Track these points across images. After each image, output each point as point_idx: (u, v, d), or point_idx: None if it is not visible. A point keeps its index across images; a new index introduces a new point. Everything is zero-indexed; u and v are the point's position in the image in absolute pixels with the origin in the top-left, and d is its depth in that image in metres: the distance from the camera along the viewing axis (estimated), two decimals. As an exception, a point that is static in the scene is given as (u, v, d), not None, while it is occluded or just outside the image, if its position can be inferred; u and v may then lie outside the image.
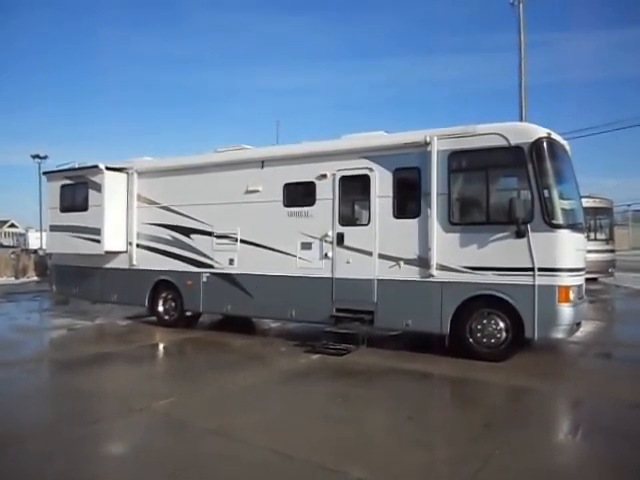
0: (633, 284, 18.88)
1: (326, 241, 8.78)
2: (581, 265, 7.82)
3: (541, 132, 7.43)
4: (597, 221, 18.56)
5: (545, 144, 7.40)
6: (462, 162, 7.91)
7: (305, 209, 9.05)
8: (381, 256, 8.33)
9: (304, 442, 4.71)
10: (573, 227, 7.62)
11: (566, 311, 7.19)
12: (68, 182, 11.44)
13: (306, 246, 8.98)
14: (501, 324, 7.52)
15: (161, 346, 9.27)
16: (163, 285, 10.64)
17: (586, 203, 17.92)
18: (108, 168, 10.77)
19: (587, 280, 18.01)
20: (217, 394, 6.27)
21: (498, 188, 7.72)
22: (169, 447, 4.68)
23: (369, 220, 8.44)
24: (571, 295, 7.27)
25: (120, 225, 10.86)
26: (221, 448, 4.62)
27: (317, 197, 8.93)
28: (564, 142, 8.12)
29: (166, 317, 10.70)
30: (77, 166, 11.41)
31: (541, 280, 7.22)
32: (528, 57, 19.25)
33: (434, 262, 7.85)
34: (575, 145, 9.67)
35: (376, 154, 8.44)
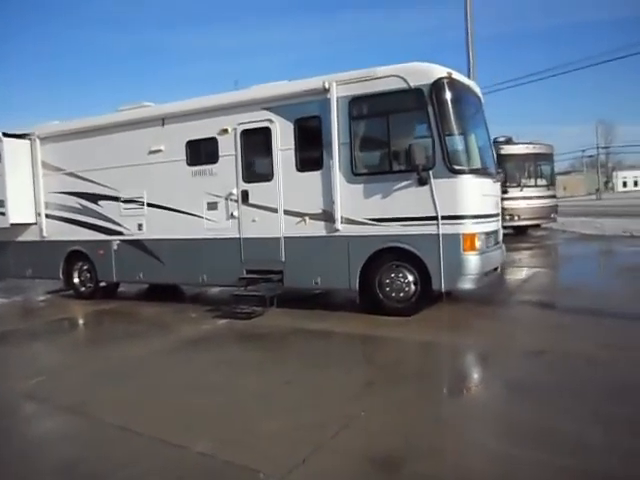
0: (579, 228, 18.96)
1: (231, 200, 8.32)
2: (490, 211, 7.52)
3: (441, 72, 6.97)
4: (538, 167, 18.36)
5: (446, 85, 6.95)
6: (363, 108, 7.44)
7: (209, 167, 8.53)
8: (286, 212, 7.92)
9: (161, 416, 4.37)
10: (478, 172, 7.26)
11: (472, 260, 6.91)
12: (-34, 152, 10.65)
13: (212, 206, 8.51)
14: (409, 277, 7.23)
15: (67, 320, 8.78)
16: (76, 256, 10.09)
17: (526, 149, 17.94)
18: (6, 135, 10.01)
19: (530, 227, 18.56)
20: (100, 367, 5.88)
21: (400, 134, 7.27)
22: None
23: (272, 175, 7.98)
24: (477, 243, 6.97)
25: (26, 195, 10.19)
26: (64, 427, 4.28)
27: (220, 154, 8.40)
28: (470, 82, 7.71)
29: (82, 289, 10.20)
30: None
31: (445, 229, 6.90)
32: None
33: (338, 216, 7.47)
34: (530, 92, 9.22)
35: (276, 104, 7.91)
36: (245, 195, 8.20)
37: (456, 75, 7.16)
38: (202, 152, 8.64)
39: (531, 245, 15.95)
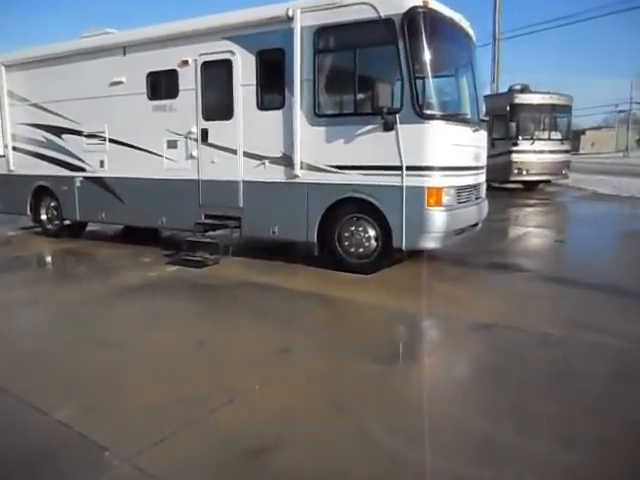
0: (595, 186, 17.87)
1: (191, 138, 7.70)
2: (467, 163, 6.77)
3: (416, 0, 6.10)
4: (553, 120, 17.14)
5: (421, 15, 6.08)
6: (330, 41, 6.65)
7: (169, 102, 7.87)
8: (246, 154, 7.29)
9: (42, 373, 3.98)
10: (452, 118, 6.46)
11: (437, 216, 6.24)
12: None
13: (172, 144, 7.91)
14: (370, 232, 6.63)
15: (18, 258, 8.36)
16: (44, 192, 9.68)
17: (542, 99, 16.71)
18: (-33, 61, 9.46)
19: (541, 182, 17.55)
20: (17, 311, 5.52)
21: (367, 72, 6.49)
22: None
23: (232, 113, 7.30)
24: (444, 198, 6.28)
25: (-8, 126, 9.73)
26: None
27: (180, 88, 7.72)
28: (456, 16, 6.76)
29: (49, 226, 9.85)
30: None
31: (409, 181, 6.22)
32: None
33: (298, 160, 6.83)
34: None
35: (238, 34, 7.13)
36: (205, 134, 7.57)
37: (435, 5, 6.25)
38: (163, 85, 7.97)
39: (535, 202, 15.08)
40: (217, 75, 7.40)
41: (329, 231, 6.83)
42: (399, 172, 6.24)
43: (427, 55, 6.14)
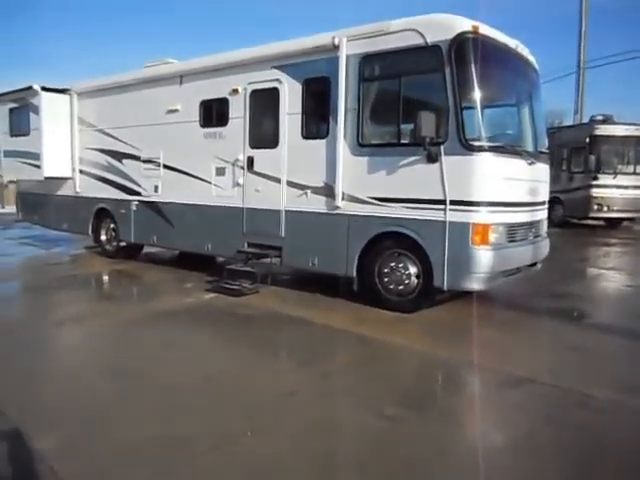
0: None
1: (238, 166, 7.69)
2: (520, 198, 6.24)
3: (464, 25, 5.75)
4: (637, 153, 15.80)
5: (470, 41, 5.74)
6: (375, 69, 6.41)
7: (219, 130, 7.93)
8: (289, 184, 7.15)
9: (47, 399, 3.93)
10: (503, 150, 5.97)
11: (483, 255, 5.75)
12: (14, 105, 10.89)
13: (220, 172, 7.94)
14: (411, 269, 6.23)
15: (72, 277, 8.58)
16: (104, 214, 10.03)
17: (626, 131, 15.53)
18: (45, 89, 10.05)
19: (625, 219, 16.17)
20: (38, 331, 5.61)
21: (413, 101, 6.16)
22: None
23: (277, 142, 7.21)
24: (491, 236, 5.80)
25: (63, 150, 10.23)
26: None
27: (230, 116, 7.77)
28: (511, 42, 6.32)
29: (107, 247, 10.17)
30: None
31: (453, 216, 5.80)
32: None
33: (339, 191, 6.58)
34: None
35: (285, 63, 7.08)
36: (250, 162, 7.53)
37: (485, 30, 5.88)
38: (214, 113, 8.05)
39: (616, 241, 13.87)
40: (265, 103, 7.37)
41: (369, 266, 6.50)
42: (442, 206, 5.84)
43: (476, 83, 5.75)
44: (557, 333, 5.88)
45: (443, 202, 5.84)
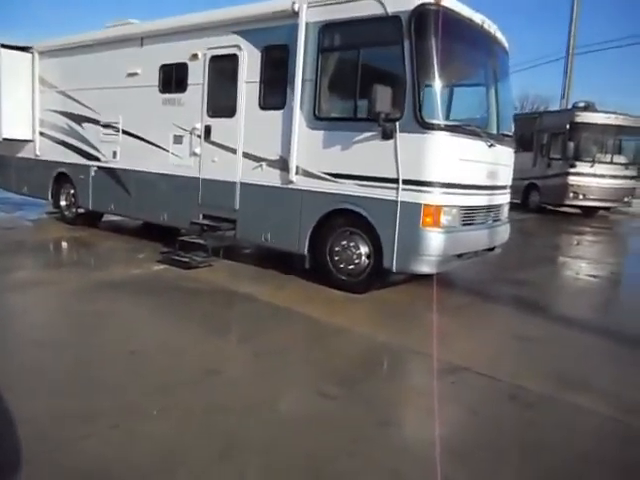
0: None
1: (195, 135, 7.41)
2: (479, 181, 6.07)
3: (426, -4, 5.50)
4: (618, 142, 15.68)
5: (431, 13, 5.48)
6: (335, 38, 6.16)
7: (177, 96, 7.63)
8: (245, 155, 6.92)
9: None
10: (461, 130, 5.76)
11: (433, 238, 5.59)
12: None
13: (178, 140, 7.66)
14: (362, 248, 6.07)
15: (21, 243, 8.32)
16: (64, 178, 9.72)
17: (606, 119, 15.38)
18: (4, 46, 9.60)
19: (600, 209, 16.14)
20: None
21: (370, 74, 5.88)
22: None
23: (235, 111, 6.95)
24: (443, 218, 5.64)
25: (23, 111, 9.86)
26: None
27: (189, 82, 7.47)
28: (477, 17, 6.06)
29: (67, 213, 9.88)
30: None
31: (405, 195, 5.62)
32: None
33: (294, 165, 6.37)
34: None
35: (245, 28, 6.78)
36: (208, 131, 7.26)
37: (449, 3, 5.62)
38: (173, 79, 7.73)
39: (589, 229, 13.82)
40: (224, 70, 7.09)
41: (321, 244, 6.33)
42: (395, 185, 5.66)
43: (435, 58, 5.51)
44: (508, 321, 5.77)
45: (396, 181, 5.65)
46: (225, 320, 5.24)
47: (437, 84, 5.58)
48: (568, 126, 15.13)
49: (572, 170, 15.10)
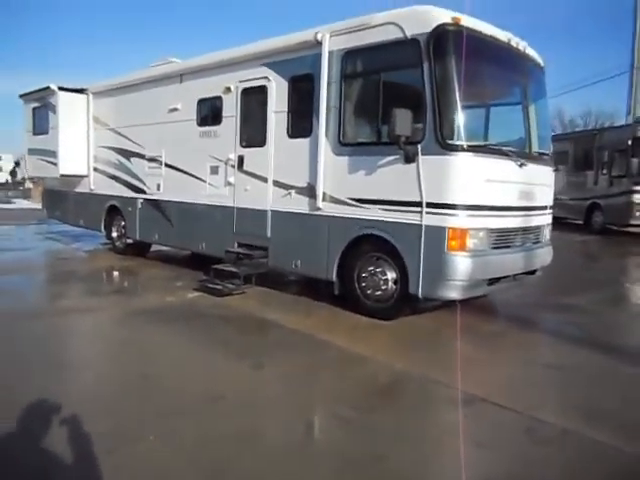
0: None
1: (229, 165, 7.61)
2: (506, 202, 5.81)
3: (444, 17, 5.42)
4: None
5: (449, 34, 5.40)
6: (357, 65, 6.19)
7: (213, 128, 7.89)
8: (275, 183, 7.01)
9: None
10: (485, 150, 5.59)
11: (458, 262, 5.39)
12: (37, 105, 11.28)
13: (214, 170, 7.89)
14: (389, 274, 5.94)
15: (72, 273, 8.77)
16: (115, 211, 10.22)
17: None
18: (62, 89, 10.35)
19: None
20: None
21: (392, 98, 5.84)
22: None
23: (265, 140, 7.08)
24: (469, 241, 5.43)
25: (79, 148, 10.50)
26: None
27: (223, 114, 7.71)
28: (502, 35, 5.91)
29: (118, 244, 10.35)
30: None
31: (429, 219, 5.48)
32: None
33: (320, 192, 6.38)
34: None
35: (272, 60, 6.94)
36: (241, 161, 7.43)
37: (469, 22, 5.51)
38: (209, 112, 8.02)
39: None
40: (254, 102, 7.26)
41: (349, 270, 6.26)
42: (419, 209, 5.53)
43: (455, 79, 5.39)
44: (540, 349, 5.46)
45: (420, 204, 5.53)
46: (246, 346, 5.23)
47: (458, 105, 5.43)
48: (630, 142, 14.33)
49: (637, 188, 14.24)
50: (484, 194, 5.52)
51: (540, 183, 6.41)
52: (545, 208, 6.70)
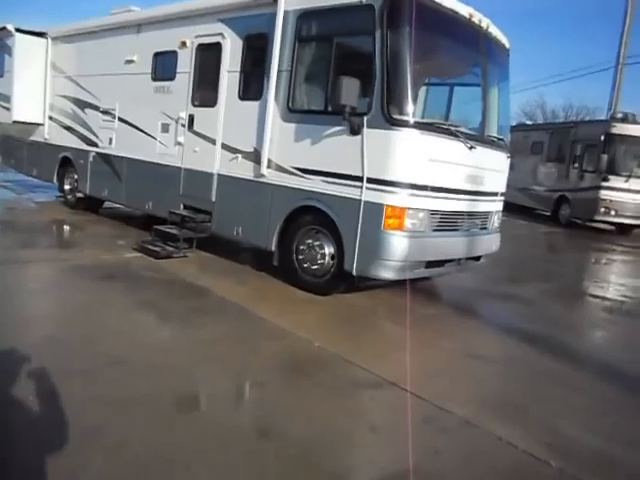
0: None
1: (180, 124, 7.31)
2: (452, 184, 5.65)
3: (397, -16, 5.16)
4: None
5: (404, 2, 5.14)
6: (311, 27, 5.91)
7: (167, 84, 7.55)
8: (224, 146, 6.75)
9: None
10: (432, 128, 5.39)
11: (394, 241, 5.24)
12: (-8, 46, 10.75)
13: (165, 128, 7.58)
14: (327, 248, 5.79)
15: (16, 223, 8.47)
16: (68, 163, 9.85)
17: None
18: (20, 30, 9.82)
19: (633, 226, 15.12)
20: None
21: (343, 65, 5.57)
22: None
23: (216, 101, 6.80)
24: (407, 221, 5.27)
25: (35, 95, 10.02)
26: None
27: (177, 70, 7.37)
28: (462, 7, 5.66)
29: (69, 197, 9.99)
30: None
31: (368, 195, 5.30)
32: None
33: (265, 158, 6.15)
34: None
35: (229, 16, 6.62)
36: (191, 120, 7.14)
37: (429, -8, 5.27)
38: (165, 66, 7.65)
39: (617, 248, 12.95)
40: (209, 59, 6.94)
41: (288, 241, 6.09)
42: (360, 184, 5.35)
43: (408, 50, 5.15)
44: (469, 337, 5.35)
45: (361, 179, 5.34)
46: (164, 310, 5.01)
47: (408, 78, 5.21)
48: (603, 137, 14.28)
49: (605, 184, 14.24)
50: (427, 174, 5.35)
51: (491, 168, 6.26)
52: (495, 194, 6.58)
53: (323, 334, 4.76)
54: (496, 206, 6.67)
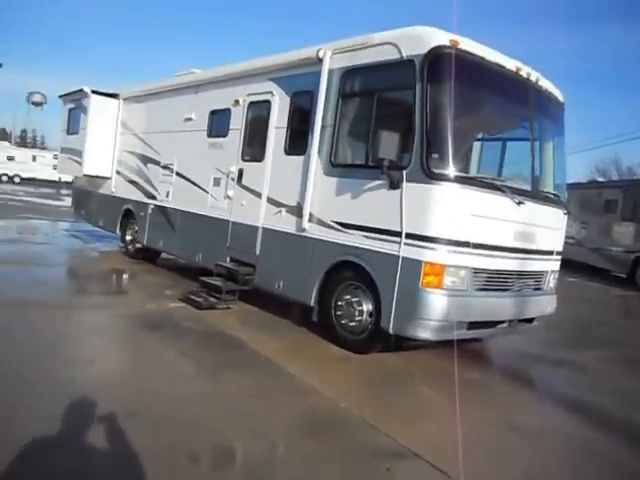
0: None
1: (230, 178, 7.50)
2: (498, 242, 5.36)
3: (441, 39, 5.12)
4: None
5: (445, 56, 5.08)
6: (354, 84, 5.98)
7: (220, 140, 7.83)
8: (269, 200, 6.83)
9: None
10: (474, 183, 5.19)
11: (432, 300, 4.99)
12: (72, 106, 11.66)
13: (217, 182, 7.81)
14: (365, 305, 5.60)
15: (74, 272, 8.88)
16: (130, 215, 10.32)
17: None
18: (95, 92, 10.65)
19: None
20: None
21: (384, 120, 5.55)
22: None
23: (264, 155, 6.94)
24: (447, 278, 5.02)
25: (105, 150, 10.71)
26: None
27: (230, 127, 7.64)
28: (507, 61, 5.53)
29: (130, 247, 10.40)
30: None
31: (407, 250, 5.12)
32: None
33: (307, 212, 6.14)
34: None
35: (277, 75, 6.84)
36: (240, 174, 7.31)
37: (469, 46, 5.19)
38: (219, 124, 7.96)
39: None
40: (259, 116, 7.15)
41: (327, 296, 5.96)
42: (398, 239, 5.19)
43: (448, 103, 5.06)
44: (512, 407, 4.91)
45: (399, 234, 5.19)
46: (193, 362, 4.98)
47: (448, 131, 5.08)
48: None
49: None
50: (469, 229, 5.11)
51: (544, 225, 5.91)
52: (550, 253, 6.19)
53: (351, 395, 4.53)
54: (551, 265, 6.26)
